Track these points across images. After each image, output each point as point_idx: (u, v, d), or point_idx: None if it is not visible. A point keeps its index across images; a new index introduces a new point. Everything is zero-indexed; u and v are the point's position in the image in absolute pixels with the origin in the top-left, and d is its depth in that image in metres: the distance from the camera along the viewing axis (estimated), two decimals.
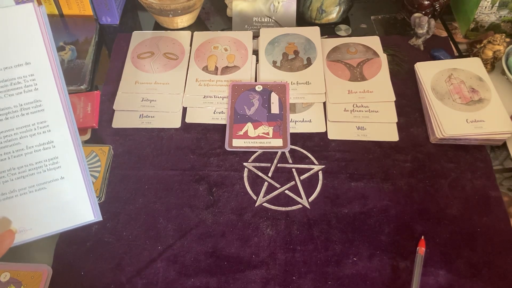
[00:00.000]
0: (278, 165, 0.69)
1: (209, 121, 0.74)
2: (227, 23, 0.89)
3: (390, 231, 0.62)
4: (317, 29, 0.84)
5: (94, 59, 0.82)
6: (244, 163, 0.69)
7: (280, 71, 0.79)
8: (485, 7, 0.79)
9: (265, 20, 0.86)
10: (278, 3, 0.85)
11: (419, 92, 0.76)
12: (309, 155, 0.70)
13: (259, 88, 0.76)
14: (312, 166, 0.69)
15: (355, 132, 0.72)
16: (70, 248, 0.62)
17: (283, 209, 0.65)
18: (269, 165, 0.69)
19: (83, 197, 0.52)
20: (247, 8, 0.86)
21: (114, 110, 0.75)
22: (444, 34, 0.85)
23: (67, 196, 0.51)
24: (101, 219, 0.53)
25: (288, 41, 0.83)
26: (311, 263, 0.60)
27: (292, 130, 0.72)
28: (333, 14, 0.86)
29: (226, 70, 0.79)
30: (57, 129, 0.49)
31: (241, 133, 0.71)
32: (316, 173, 0.68)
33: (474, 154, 0.69)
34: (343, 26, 0.88)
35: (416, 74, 0.77)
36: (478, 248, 0.61)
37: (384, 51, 0.81)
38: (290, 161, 0.70)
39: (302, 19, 0.88)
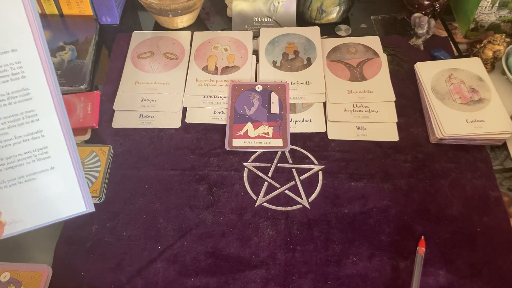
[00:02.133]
0: (278, 165, 0.69)
1: (209, 121, 0.74)
2: (227, 23, 0.89)
3: (390, 231, 0.62)
4: (317, 29, 0.84)
5: (94, 59, 0.82)
6: (244, 163, 0.69)
7: (280, 71, 0.79)
8: (485, 7, 0.79)
9: (265, 20, 0.86)
10: (278, 3, 0.85)
11: (419, 92, 0.76)
12: (309, 155, 0.70)
13: (259, 88, 0.76)
14: (312, 166, 0.69)
15: (355, 132, 0.72)
16: (70, 248, 0.62)
17: (283, 209, 0.65)
18: (269, 165, 0.69)
19: (74, 187, 0.51)
20: (247, 8, 0.86)
21: (114, 110, 0.75)
22: (444, 34, 0.85)
23: (58, 187, 0.50)
24: (94, 210, 0.52)
25: (288, 41, 0.83)
26: (311, 263, 0.60)
27: (292, 130, 0.72)
28: (333, 14, 0.86)
29: (226, 70, 0.79)
30: (46, 118, 0.48)
31: (241, 133, 0.71)
32: (316, 173, 0.68)
33: (474, 154, 0.69)
34: (343, 26, 0.88)
35: (416, 74, 0.77)
36: (478, 248, 0.61)
37: (384, 51, 0.81)
38: (290, 161, 0.70)
39: (302, 19, 0.88)
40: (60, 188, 0.50)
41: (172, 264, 0.60)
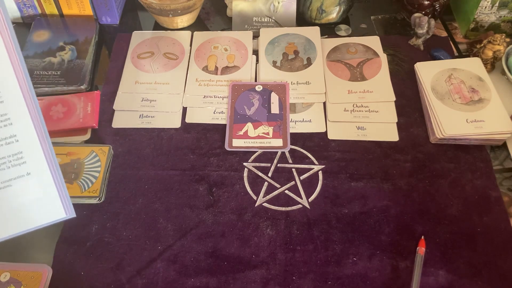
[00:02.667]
0: (278, 165, 0.69)
1: (209, 121, 0.74)
2: (227, 23, 0.89)
3: (390, 231, 0.62)
4: (317, 29, 0.84)
5: (94, 59, 0.82)
6: (244, 163, 0.69)
7: (280, 71, 0.79)
8: (485, 7, 0.79)
9: (265, 20, 0.86)
10: (278, 3, 0.85)
11: (419, 92, 0.76)
12: (309, 155, 0.70)
13: (259, 88, 0.76)
14: (312, 166, 0.69)
15: (355, 132, 0.72)
16: (70, 248, 0.62)
17: (283, 209, 0.65)
18: (269, 165, 0.69)
19: (52, 193, 0.49)
20: (247, 8, 0.86)
21: (114, 110, 0.75)
22: (444, 34, 0.85)
23: (35, 193, 0.48)
24: (74, 215, 0.50)
25: (288, 41, 0.83)
26: (311, 263, 0.60)
27: (292, 130, 0.72)
28: (333, 14, 0.86)
29: (226, 70, 0.79)
30: (20, 122, 0.46)
31: (241, 133, 0.71)
32: (316, 173, 0.68)
33: (474, 154, 0.69)
34: (343, 26, 0.88)
35: (416, 74, 0.77)
36: (478, 248, 0.61)
37: (384, 51, 0.81)
38: (290, 161, 0.70)
39: (302, 19, 0.88)
40: (37, 195, 0.49)
41: (172, 264, 0.60)
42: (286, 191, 0.66)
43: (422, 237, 0.61)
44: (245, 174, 0.68)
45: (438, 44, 0.83)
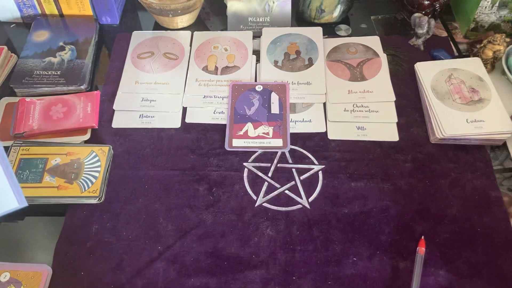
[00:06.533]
0: (278, 165, 0.69)
1: (209, 121, 0.74)
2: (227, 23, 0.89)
3: (390, 231, 0.62)
4: (319, 30, 0.84)
5: (94, 59, 0.82)
6: (244, 163, 0.69)
7: (281, 70, 0.79)
8: (485, 7, 0.79)
9: (261, 20, 0.86)
10: (273, 2, 0.84)
11: (419, 92, 0.76)
12: (309, 155, 0.70)
13: (259, 88, 0.76)
14: (312, 166, 0.69)
15: (355, 132, 0.72)
16: (70, 248, 0.62)
17: (283, 209, 0.65)
18: (269, 165, 0.69)
19: (3, 184, 0.50)
20: (242, 8, 0.85)
21: (114, 110, 0.75)
22: (444, 34, 0.85)
23: None
24: (27, 205, 0.51)
25: (290, 41, 0.83)
26: (311, 263, 0.60)
27: (292, 130, 0.72)
28: (333, 13, 0.86)
29: (226, 70, 0.79)
30: None
31: (241, 133, 0.71)
32: (316, 173, 0.68)
33: (474, 154, 0.69)
34: (343, 26, 0.88)
35: (416, 74, 0.77)
36: (478, 248, 0.61)
37: (384, 51, 0.81)
38: (290, 161, 0.70)
39: (302, 19, 0.88)
40: None
41: (172, 264, 0.60)
42: (286, 191, 0.66)
43: (422, 237, 0.61)
44: (245, 174, 0.68)
45: (438, 44, 0.83)
